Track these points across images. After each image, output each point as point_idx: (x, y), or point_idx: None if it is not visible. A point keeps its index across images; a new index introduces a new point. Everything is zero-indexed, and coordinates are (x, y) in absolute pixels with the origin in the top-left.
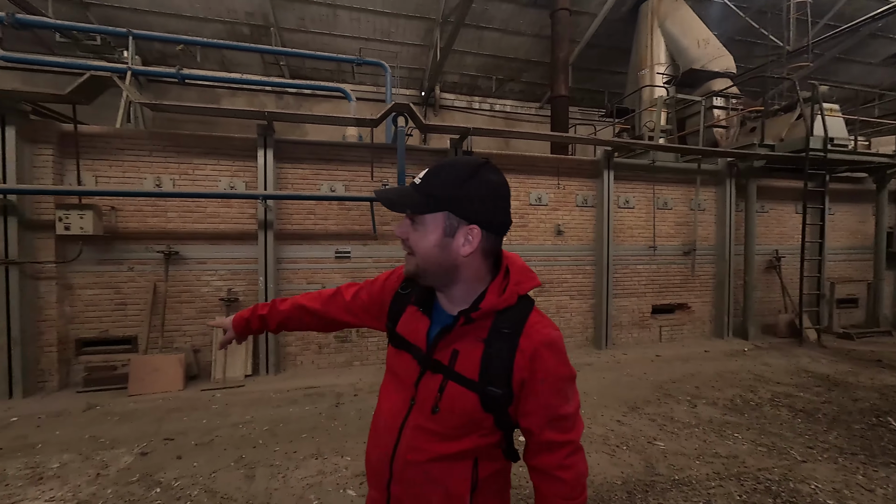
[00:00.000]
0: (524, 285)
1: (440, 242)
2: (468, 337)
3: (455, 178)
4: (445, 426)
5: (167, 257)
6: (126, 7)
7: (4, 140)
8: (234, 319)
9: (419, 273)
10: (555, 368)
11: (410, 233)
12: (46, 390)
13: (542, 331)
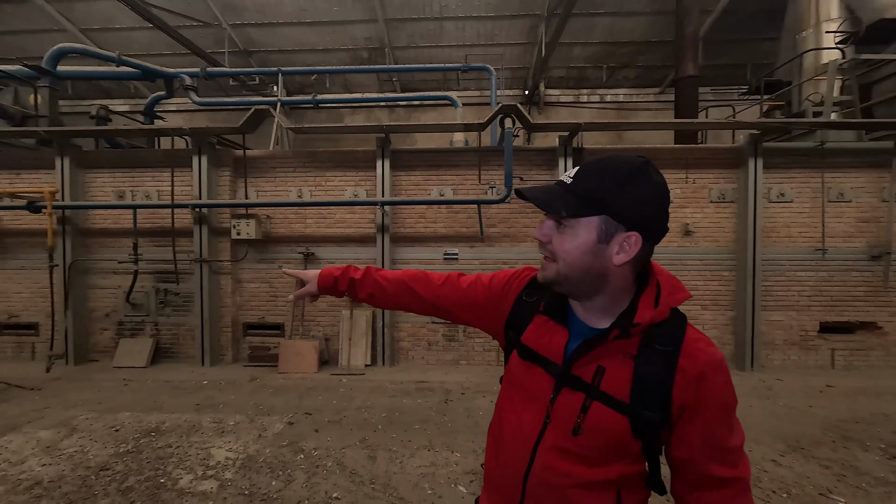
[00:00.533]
0: (676, 297)
1: (592, 249)
2: (615, 353)
3: (615, 178)
4: (589, 450)
5: (306, 257)
6: (276, 50)
7: (200, 166)
8: (322, 275)
9: (559, 281)
10: (723, 394)
11: (554, 236)
12: (224, 362)
13: (707, 350)
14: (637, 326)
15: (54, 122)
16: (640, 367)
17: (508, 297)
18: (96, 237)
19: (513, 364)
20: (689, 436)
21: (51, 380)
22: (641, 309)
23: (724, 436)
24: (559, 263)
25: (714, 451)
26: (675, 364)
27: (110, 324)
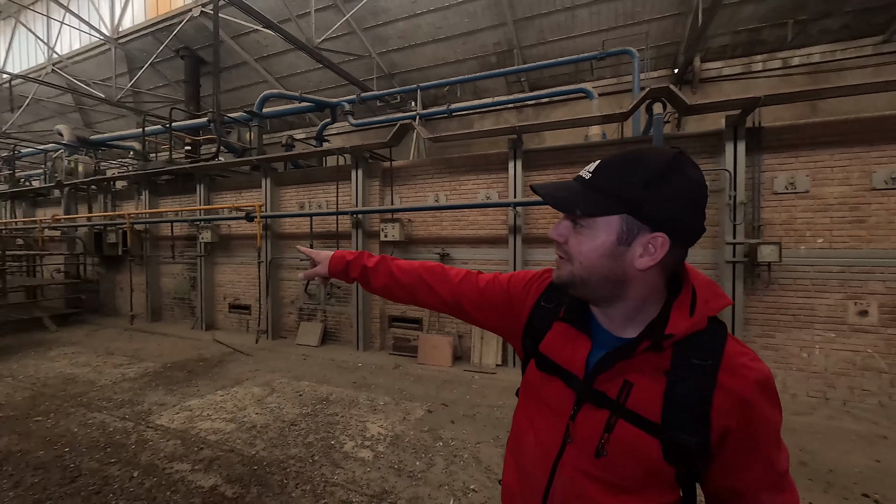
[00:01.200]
0: (713, 304)
1: (611, 251)
2: (645, 367)
3: (642, 172)
4: (616, 475)
5: (442, 258)
6: (414, 69)
7: (357, 179)
8: (333, 258)
9: (573, 283)
10: (772, 415)
11: (571, 236)
12: (374, 348)
13: (752, 365)
14: (670, 338)
15: (260, 152)
16: (674, 383)
17: (527, 300)
18: (286, 239)
19: (530, 375)
20: (736, 463)
21: (258, 349)
22: (674, 318)
23: (774, 460)
24: (574, 265)
25: (765, 479)
26: (715, 381)
27: (294, 309)
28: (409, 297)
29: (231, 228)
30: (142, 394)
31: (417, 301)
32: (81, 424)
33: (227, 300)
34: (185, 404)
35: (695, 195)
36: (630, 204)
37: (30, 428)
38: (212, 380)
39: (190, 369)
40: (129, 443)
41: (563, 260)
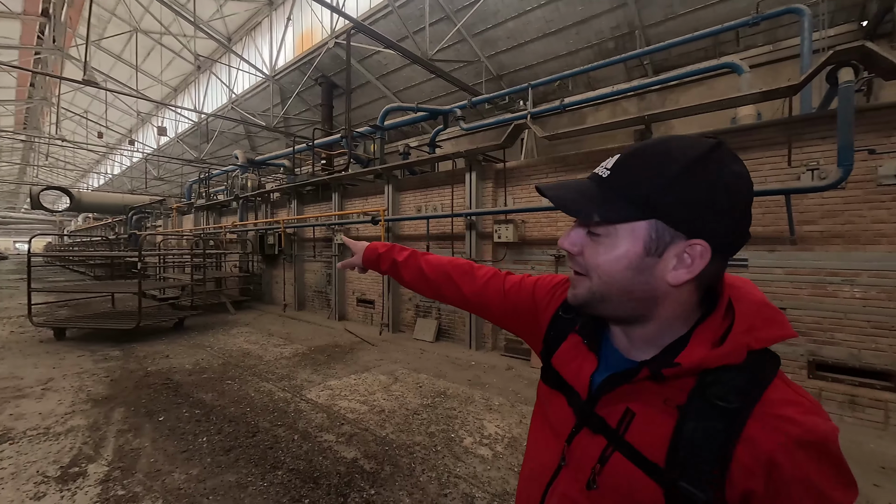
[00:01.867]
0: (761, 334)
1: (637, 264)
2: (653, 397)
3: (672, 168)
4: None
5: (557, 259)
6: (522, 67)
7: (470, 181)
8: (367, 249)
9: (592, 302)
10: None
11: (587, 245)
12: (486, 348)
13: (797, 418)
14: (676, 367)
15: (382, 161)
16: (687, 422)
17: (549, 307)
18: (405, 241)
19: (540, 387)
20: None
21: (381, 340)
22: (692, 345)
23: None
24: (592, 280)
25: None
26: (741, 430)
27: (412, 305)
28: (434, 292)
29: (359, 231)
30: (295, 371)
31: (442, 297)
32: (256, 391)
33: (355, 295)
34: (326, 384)
35: (738, 193)
36: (659, 206)
37: (223, 388)
38: (346, 364)
39: (329, 354)
40: (289, 410)
41: (580, 276)
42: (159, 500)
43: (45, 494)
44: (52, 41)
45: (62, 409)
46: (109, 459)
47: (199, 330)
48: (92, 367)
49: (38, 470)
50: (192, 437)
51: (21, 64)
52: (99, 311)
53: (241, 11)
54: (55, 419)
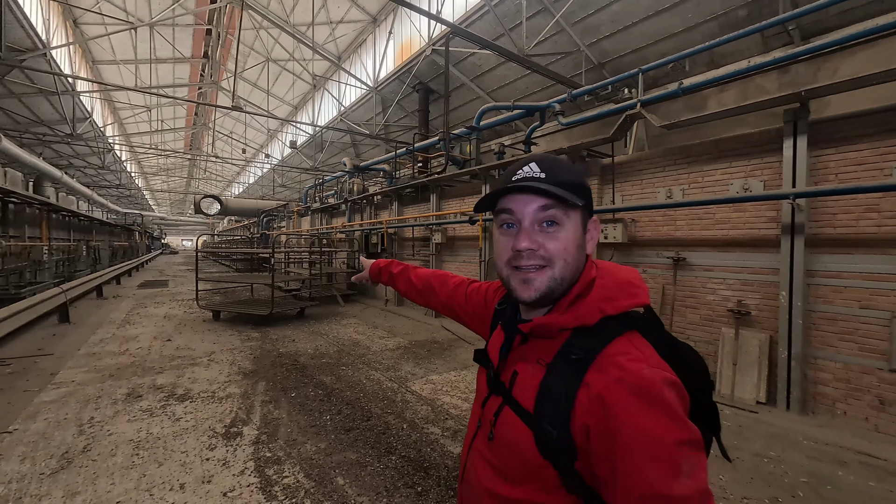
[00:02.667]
0: (618, 303)
1: (580, 242)
2: (531, 357)
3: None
4: (502, 461)
5: (675, 262)
6: (627, 52)
7: None
8: (373, 266)
9: (555, 288)
10: (648, 423)
11: (545, 240)
12: None
13: (625, 364)
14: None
15: (478, 162)
16: (549, 375)
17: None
18: None
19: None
20: (604, 471)
21: (477, 339)
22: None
23: (657, 479)
24: (555, 268)
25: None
26: (582, 377)
27: None
28: (423, 300)
29: (455, 231)
30: (399, 362)
31: (429, 304)
32: (367, 378)
33: None
34: (429, 378)
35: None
36: (585, 193)
37: (340, 373)
38: (445, 361)
39: (428, 349)
40: (396, 399)
41: (539, 270)
42: (296, 466)
43: (216, 447)
44: (209, 77)
45: (222, 377)
46: (258, 425)
47: (316, 319)
48: (239, 344)
49: (210, 426)
50: (318, 415)
51: (189, 98)
52: (242, 299)
53: (350, 32)
54: (217, 385)
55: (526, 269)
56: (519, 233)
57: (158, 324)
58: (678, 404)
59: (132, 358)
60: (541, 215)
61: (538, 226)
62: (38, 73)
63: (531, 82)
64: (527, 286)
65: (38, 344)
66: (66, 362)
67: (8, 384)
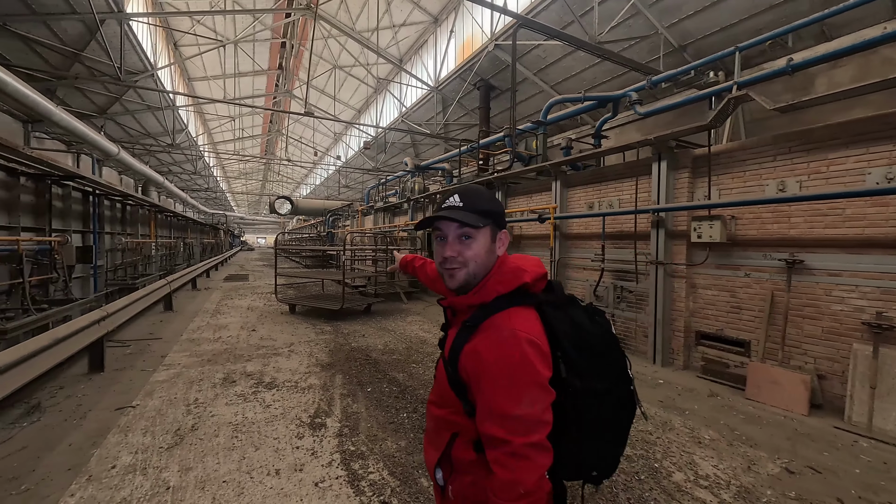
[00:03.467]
0: (508, 285)
1: (489, 248)
2: (455, 325)
3: (487, 197)
4: (437, 392)
5: (790, 266)
6: (711, 32)
7: (659, 172)
8: (402, 258)
9: (469, 281)
10: (500, 362)
11: (461, 249)
12: (674, 366)
13: (499, 324)
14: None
15: (545, 157)
16: (457, 335)
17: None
18: (573, 240)
19: None
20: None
21: None
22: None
23: (502, 401)
24: (469, 267)
25: (491, 412)
26: (473, 334)
27: None
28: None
29: (522, 229)
30: None
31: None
32: None
33: None
34: None
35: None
36: (493, 216)
37: (411, 370)
38: None
39: None
40: None
41: (457, 269)
42: (380, 463)
43: (303, 436)
44: (283, 87)
45: (302, 368)
46: (339, 417)
47: (382, 315)
48: (314, 337)
49: (296, 415)
50: (395, 412)
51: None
52: (314, 293)
53: (412, 34)
54: (299, 376)
55: (450, 268)
56: (445, 245)
57: (243, 314)
58: (532, 355)
59: (224, 345)
60: (458, 232)
61: (457, 239)
62: (147, 91)
63: (599, 72)
64: (451, 279)
65: (150, 329)
66: (171, 346)
67: (129, 363)
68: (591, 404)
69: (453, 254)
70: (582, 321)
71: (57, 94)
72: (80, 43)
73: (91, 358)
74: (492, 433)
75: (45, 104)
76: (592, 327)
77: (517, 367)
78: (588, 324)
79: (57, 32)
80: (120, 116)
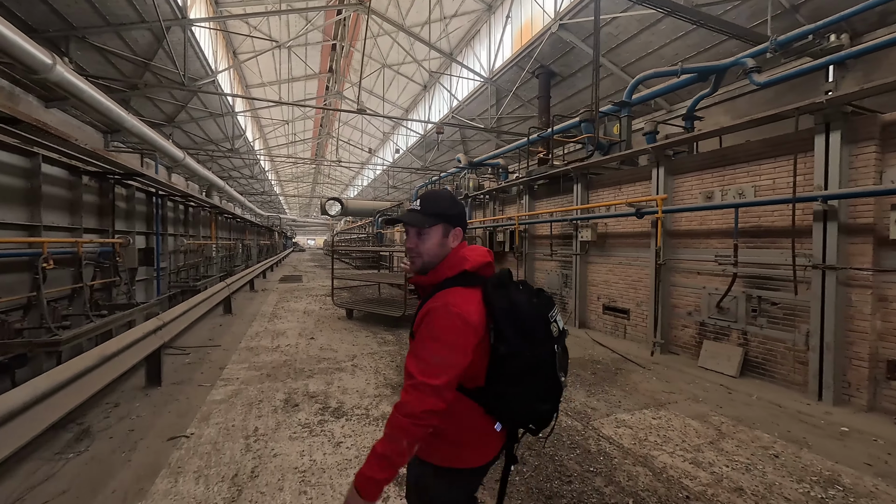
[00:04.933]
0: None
1: (441, 242)
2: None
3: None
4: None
5: None
6: None
7: (827, 147)
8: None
9: (425, 267)
10: (431, 322)
11: (419, 242)
12: (853, 405)
13: (441, 298)
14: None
15: (629, 144)
16: (418, 306)
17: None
18: (681, 238)
19: None
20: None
21: (651, 362)
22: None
23: (420, 345)
24: (424, 258)
25: (412, 354)
26: (424, 306)
27: (692, 322)
28: None
29: (607, 226)
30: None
31: None
32: None
33: (600, 300)
34: (617, 416)
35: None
36: (445, 217)
37: None
38: (623, 391)
39: (592, 371)
40: (590, 448)
41: (416, 257)
42: None
43: (388, 496)
44: (333, 88)
45: (371, 389)
46: None
47: None
48: (377, 349)
49: None
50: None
51: (315, 111)
52: (370, 297)
53: (464, 23)
54: (368, 400)
55: (411, 256)
56: (408, 237)
57: (300, 319)
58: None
59: (283, 356)
60: (415, 229)
61: (416, 234)
62: (209, 95)
63: (683, 46)
64: (412, 264)
65: (210, 333)
66: (230, 356)
67: (187, 375)
68: (511, 364)
69: (412, 245)
70: (519, 300)
71: (131, 104)
72: (150, 52)
73: (148, 370)
74: (408, 368)
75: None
76: (527, 305)
77: (440, 329)
78: (524, 302)
79: (128, 42)
80: (186, 124)
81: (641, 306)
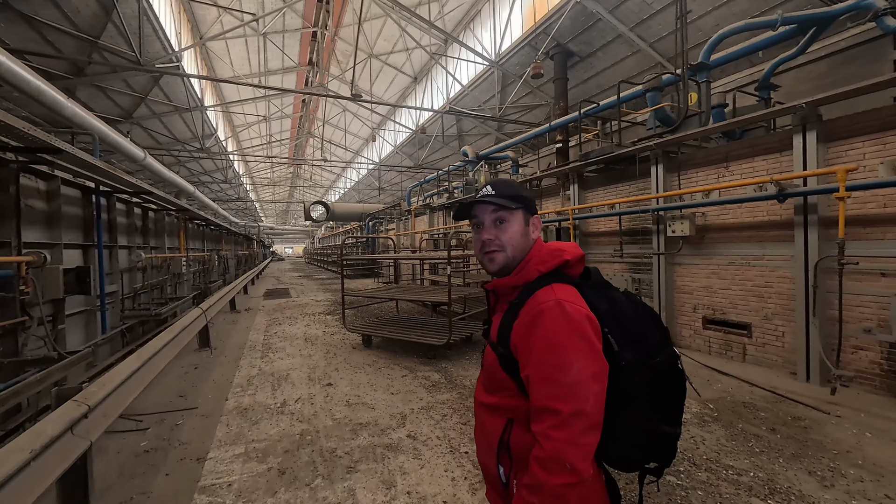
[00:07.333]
0: (548, 265)
1: (524, 232)
2: (500, 310)
3: (517, 185)
4: (485, 379)
5: None
6: None
7: None
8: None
9: (508, 265)
10: (548, 331)
11: (498, 233)
12: None
13: (542, 298)
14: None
15: (707, 115)
16: (504, 317)
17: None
18: (852, 227)
19: None
20: (524, 370)
21: (833, 404)
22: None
23: (550, 369)
24: (507, 251)
25: (541, 380)
26: (519, 312)
27: (871, 342)
28: None
29: (706, 217)
30: (729, 459)
31: None
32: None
33: (697, 311)
34: None
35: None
36: (525, 201)
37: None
38: (840, 461)
39: (755, 421)
40: None
41: (496, 252)
42: None
43: None
44: (312, 83)
45: (462, 489)
46: None
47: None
48: (428, 398)
49: None
50: None
51: (294, 108)
52: (387, 317)
53: (465, 2)
54: None
55: (489, 251)
56: (482, 230)
57: (304, 351)
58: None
59: (297, 425)
60: (493, 217)
61: (493, 224)
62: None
63: (727, 14)
64: (491, 263)
65: (179, 384)
66: (212, 430)
67: (139, 487)
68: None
69: (491, 237)
70: (619, 298)
71: (77, 94)
72: (97, 27)
73: (62, 492)
74: (541, 404)
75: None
76: (629, 305)
77: (565, 334)
78: (625, 301)
79: (68, 13)
80: (146, 120)
81: (772, 320)
